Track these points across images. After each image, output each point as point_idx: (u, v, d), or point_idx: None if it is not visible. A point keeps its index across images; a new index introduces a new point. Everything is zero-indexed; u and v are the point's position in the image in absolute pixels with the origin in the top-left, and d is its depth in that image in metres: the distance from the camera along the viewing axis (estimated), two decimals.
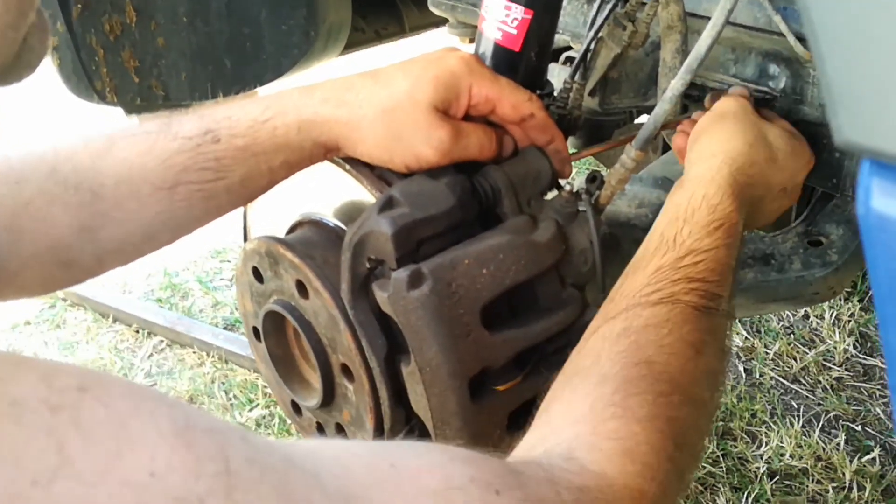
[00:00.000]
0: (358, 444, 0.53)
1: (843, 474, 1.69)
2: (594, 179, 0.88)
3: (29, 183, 0.80)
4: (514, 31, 0.88)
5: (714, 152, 0.81)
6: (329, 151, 0.86)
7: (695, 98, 1.04)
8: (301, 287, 0.90)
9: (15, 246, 0.78)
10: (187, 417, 0.40)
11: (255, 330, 1.03)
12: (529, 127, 0.86)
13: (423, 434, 0.85)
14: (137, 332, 2.34)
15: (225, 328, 2.33)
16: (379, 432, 0.88)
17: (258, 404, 2.03)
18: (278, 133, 0.82)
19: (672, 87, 0.81)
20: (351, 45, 1.58)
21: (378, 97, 0.81)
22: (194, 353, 2.22)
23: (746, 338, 2.05)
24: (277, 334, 1.02)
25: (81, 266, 0.84)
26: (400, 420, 0.87)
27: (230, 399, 2.05)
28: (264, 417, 1.99)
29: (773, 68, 0.95)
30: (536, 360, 0.84)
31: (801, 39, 0.87)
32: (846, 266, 1.03)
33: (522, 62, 0.88)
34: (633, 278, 0.74)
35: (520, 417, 0.83)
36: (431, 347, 0.76)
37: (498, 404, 0.83)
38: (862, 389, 1.89)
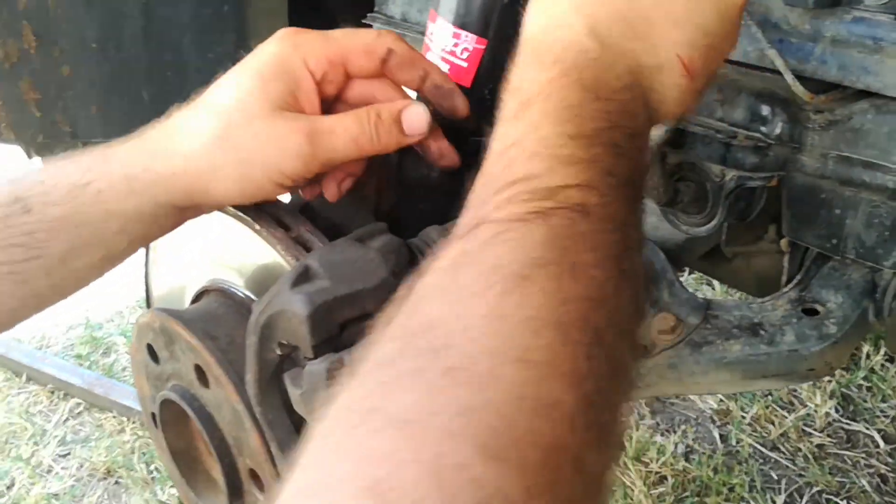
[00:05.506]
0: None
1: None
2: None
3: None
4: (464, 64, 0.74)
5: None
6: (185, 210, 0.70)
7: None
8: (200, 373, 0.74)
9: None
10: None
11: (154, 416, 0.86)
12: (396, 68, 0.71)
13: None
14: (52, 392, 2.12)
15: None
16: None
17: None
18: (105, 198, 0.67)
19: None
20: None
21: (207, 126, 0.66)
22: (114, 417, 2.02)
23: (721, 400, 1.93)
24: (178, 424, 0.85)
25: None
26: None
27: (151, 472, 1.84)
28: None
29: (767, 111, 0.83)
30: None
31: (801, 77, 0.76)
32: (846, 339, 0.90)
33: (473, 101, 0.74)
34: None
35: None
36: None
37: None
38: (845, 458, 1.77)
